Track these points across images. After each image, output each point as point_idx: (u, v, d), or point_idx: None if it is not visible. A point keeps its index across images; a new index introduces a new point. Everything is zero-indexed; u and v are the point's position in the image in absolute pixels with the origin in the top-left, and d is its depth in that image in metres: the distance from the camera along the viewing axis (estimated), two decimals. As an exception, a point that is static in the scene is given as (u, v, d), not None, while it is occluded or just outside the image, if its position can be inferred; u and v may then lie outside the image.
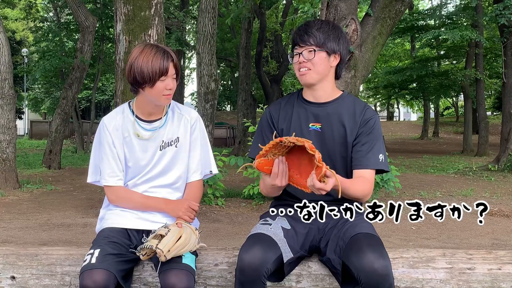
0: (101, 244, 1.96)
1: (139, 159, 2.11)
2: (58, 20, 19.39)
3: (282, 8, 20.87)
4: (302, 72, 2.06)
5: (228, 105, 42.50)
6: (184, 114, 2.18)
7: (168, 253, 1.84)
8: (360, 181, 2.01)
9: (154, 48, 2.03)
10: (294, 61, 2.08)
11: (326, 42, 2.03)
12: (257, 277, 1.78)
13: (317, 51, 2.02)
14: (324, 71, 2.07)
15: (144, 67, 1.99)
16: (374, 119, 2.08)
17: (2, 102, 7.81)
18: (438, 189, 8.16)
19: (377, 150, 2.05)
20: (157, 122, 2.13)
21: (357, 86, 6.62)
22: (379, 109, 45.81)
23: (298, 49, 2.06)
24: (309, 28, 2.05)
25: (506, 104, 12.06)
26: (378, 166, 2.04)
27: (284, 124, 2.11)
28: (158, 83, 2.01)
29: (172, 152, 2.13)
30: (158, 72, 1.99)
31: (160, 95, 2.04)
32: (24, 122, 37.97)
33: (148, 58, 1.99)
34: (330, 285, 1.98)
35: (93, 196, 7.50)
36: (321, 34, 2.02)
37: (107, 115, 2.17)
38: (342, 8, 6.42)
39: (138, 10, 5.42)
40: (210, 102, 9.93)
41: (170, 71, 2.02)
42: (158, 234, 1.90)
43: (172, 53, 2.06)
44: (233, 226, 5.37)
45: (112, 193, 2.14)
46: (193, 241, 1.95)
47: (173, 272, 1.84)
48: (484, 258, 2.06)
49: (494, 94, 32.29)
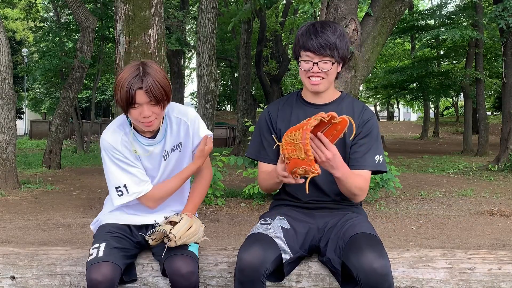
0: (106, 238, 1.98)
1: (147, 169, 2.10)
2: (58, 20, 19.40)
3: (282, 8, 20.88)
4: (314, 81, 2.00)
5: (228, 105, 42.52)
6: (181, 117, 2.10)
7: (179, 239, 1.89)
8: (358, 177, 2.01)
9: (129, 72, 1.89)
10: (305, 68, 2.00)
11: (340, 53, 1.98)
12: (257, 276, 1.78)
13: (334, 63, 1.99)
14: (334, 78, 2.07)
15: (118, 92, 1.89)
16: (373, 120, 2.08)
17: (2, 102, 7.81)
18: (438, 189, 8.16)
19: (374, 151, 2.04)
20: (157, 136, 2.07)
21: (357, 86, 6.62)
22: (379, 109, 45.82)
23: (312, 57, 1.97)
24: (325, 35, 1.95)
25: (506, 104, 12.07)
26: (375, 167, 2.04)
27: (283, 124, 2.10)
28: (132, 110, 1.90)
29: (176, 156, 2.12)
30: (125, 100, 1.87)
31: (138, 122, 1.95)
32: (24, 122, 37.98)
33: (123, 83, 1.87)
34: (330, 285, 1.98)
35: (93, 196, 7.50)
36: (337, 44, 1.96)
37: (107, 135, 2.04)
38: (342, 8, 6.42)
39: (138, 10, 5.42)
40: (210, 102, 9.93)
41: (138, 99, 1.87)
42: (171, 221, 1.96)
43: (149, 79, 1.86)
44: (233, 226, 5.37)
45: (150, 200, 2.06)
46: (201, 233, 2.01)
47: (179, 257, 1.89)
48: (484, 258, 2.06)
49: (494, 94, 32.31)
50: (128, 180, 2.02)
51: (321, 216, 2.07)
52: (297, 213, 2.09)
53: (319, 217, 2.06)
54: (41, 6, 23.57)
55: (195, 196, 2.18)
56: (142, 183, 2.04)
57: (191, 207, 2.14)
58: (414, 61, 20.93)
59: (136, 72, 1.88)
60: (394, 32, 16.45)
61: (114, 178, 2.03)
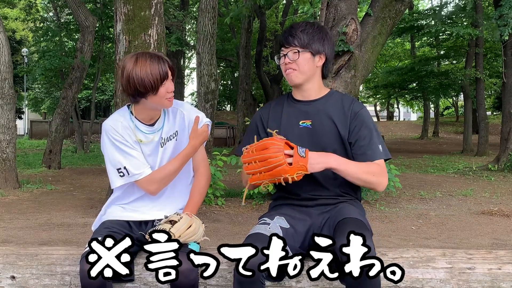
0: (103, 233, 1.99)
1: (146, 156, 2.15)
2: (58, 20, 19.40)
3: (282, 7, 20.88)
4: (287, 72, 2.12)
5: (228, 105, 42.51)
6: (178, 107, 2.20)
7: (178, 238, 1.91)
8: (367, 164, 2.02)
9: (147, 56, 2.03)
10: (281, 62, 2.15)
11: (311, 43, 2.09)
12: (256, 276, 1.78)
13: (301, 52, 2.08)
14: (309, 71, 2.12)
15: (145, 76, 1.98)
16: (363, 111, 2.11)
17: (2, 102, 7.82)
18: (438, 189, 8.16)
19: (376, 142, 2.06)
20: (156, 124, 2.15)
21: (357, 86, 6.62)
22: (379, 109, 45.80)
23: (284, 51, 2.12)
24: (293, 30, 2.10)
25: (506, 104, 12.07)
26: (382, 156, 2.05)
27: (274, 124, 2.15)
28: (161, 89, 2.02)
29: (173, 145, 2.18)
30: (159, 78, 1.99)
31: (164, 100, 2.05)
32: (24, 122, 37.99)
33: (146, 67, 1.98)
34: (330, 284, 1.98)
35: (93, 196, 7.50)
36: (305, 36, 2.08)
37: (109, 120, 2.14)
38: (342, 8, 6.42)
39: (138, 10, 5.42)
40: (210, 102, 9.93)
41: (169, 74, 2.04)
42: (170, 220, 1.98)
43: (165, 56, 2.07)
44: (233, 226, 5.37)
45: (153, 183, 2.10)
46: (201, 233, 2.03)
47: (179, 254, 1.89)
48: (484, 258, 2.06)
49: (494, 94, 32.28)
50: (128, 162, 2.08)
51: (318, 214, 2.07)
52: (295, 212, 2.09)
53: (316, 214, 2.07)
54: (41, 6, 23.55)
55: (195, 195, 2.21)
56: (143, 166, 2.09)
57: (192, 206, 2.17)
58: (414, 61, 20.93)
59: (151, 55, 2.02)
60: (394, 31, 16.45)
61: (114, 160, 2.09)
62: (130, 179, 2.09)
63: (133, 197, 2.19)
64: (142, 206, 2.17)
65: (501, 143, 11.96)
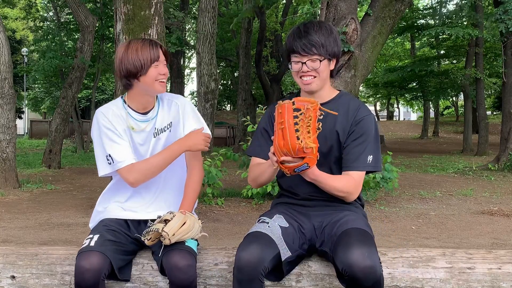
0: (101, 230, 2.01)
1: (137, 148, 2.15)
2: (58, 20, 19.39)
3: (282, 7, 20.87)
4: (307, 81, 2.03)
5: (228, 105, 42.49)
6: (173, 99, 2.22)
7: (173, 236, 1.90)
8: (345, 177, 2.00)
9: (139, 40, 2.09)
10: (296, 69, 2.04)
11: (328, 49, 2.01)
12: (255, 275, 1.78)
13: (322, 60, 2.01)
14: (327, 77, 2.08)
15: (135, 57, 2.03)
16: (367, 119, 2.05)
17: (2, 102, 7.81)
18: (438, 189, 8.16)
19: (367, 151, 2.02)
20: (150, 113, 2.16)
21: (357, 85, 6.62)
22: (379, 109, 45.80)
23: (300, 58, 2.01)
24: (309, 35, 1.99)
25: (506, 104, 12.07)
26: (365, 168, 2.02)
27: None
28: (151, 69, 2.04)
29: (166, 136, 2.17)
30: (150, 58, 2.03)
31: (154, 82, 2.06)
32: (24, 122, 37.96)
33: (137, 48, 2.04)
34: (329, 284, 1.97)
35: (93, 195, 7.50)
36: (323, 42, 1.99)
37: (101, 107, 2.16)
38: (342, 8, 6.42)
39: (138, 9, 5.42)
40: (210, 102, 9.94)
41: (161, 57, 2.07)
42: (164, 219, 1.97)
43: (159, 42, 2.13)
44: (233, 225, 5.37)
45: (132, 173, 2.06)
46: (196, 229, 2.02)
47: (176, 252, 1.90)
48: (484, 257, 2.06)
49: (494, 94, 32.28)
50: (113, 150, 2.07)
51: (316, 216, 2.06)
52: (295, 212, 2.09)
53: (314, 216, 2.06)
54: (41, 5, 23.55)
55: (189, 191, 2.19)
56: (126, 155, 2.07)
57: (186, 204, 2.15)
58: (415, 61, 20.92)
59: (144, 39, 2.10)
60: (394, 31, 16.45)
61: (101, 148, 2.10)
62: (114, 167, 2.07)
63: (128, 193, 2.18)
64: (139, 206, 2.16)
65: (501, 142, 11.96)
